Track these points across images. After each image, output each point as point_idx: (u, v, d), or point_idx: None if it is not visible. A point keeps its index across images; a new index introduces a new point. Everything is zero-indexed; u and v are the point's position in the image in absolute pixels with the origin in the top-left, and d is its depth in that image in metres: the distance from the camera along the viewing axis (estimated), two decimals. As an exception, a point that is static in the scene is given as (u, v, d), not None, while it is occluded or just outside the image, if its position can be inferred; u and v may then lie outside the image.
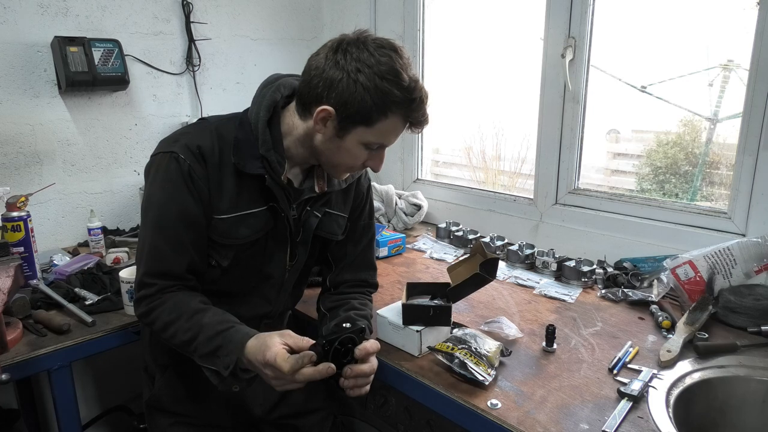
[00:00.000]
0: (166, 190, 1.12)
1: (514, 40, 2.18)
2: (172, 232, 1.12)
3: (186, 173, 1.11)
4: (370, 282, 1.41)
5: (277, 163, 1.14)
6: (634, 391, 1.08)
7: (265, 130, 1.14)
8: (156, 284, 1.13)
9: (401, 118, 1.09)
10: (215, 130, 1.16)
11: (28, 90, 1.92)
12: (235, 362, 1.03)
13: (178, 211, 1.12)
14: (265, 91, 1.17)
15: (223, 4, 2.36)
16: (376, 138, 1.11)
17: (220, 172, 1.14)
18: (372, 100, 1.04)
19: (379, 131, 1.10)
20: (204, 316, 1.09)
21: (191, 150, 1.12)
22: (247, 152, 1.14)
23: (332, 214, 1.30)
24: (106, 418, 2.10)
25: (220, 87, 2.40)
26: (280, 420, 1.36)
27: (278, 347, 0.99)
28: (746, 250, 1.44)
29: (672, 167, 1.89)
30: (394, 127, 1.11)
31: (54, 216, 2.04)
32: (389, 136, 1.13)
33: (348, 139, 1.10)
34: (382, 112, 1.06)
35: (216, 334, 1.06)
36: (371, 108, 1.05)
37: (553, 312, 1.51)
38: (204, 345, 1.06)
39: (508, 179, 2.44)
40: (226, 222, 1.16)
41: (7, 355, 1.24)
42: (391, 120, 1.08)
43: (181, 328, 1.08)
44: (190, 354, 1.09)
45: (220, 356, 1.04)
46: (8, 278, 1.26)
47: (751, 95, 1.49)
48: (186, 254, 1.14)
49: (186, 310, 1.10)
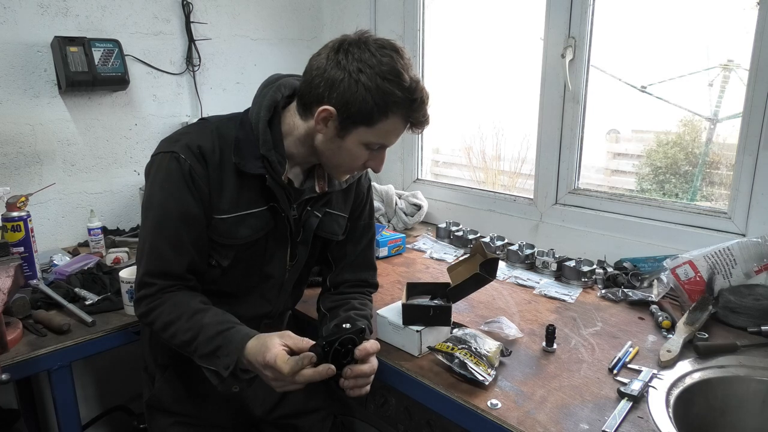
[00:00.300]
0: (166, 190, 1.12)
1: (514, 40, 2.18)
2: (173, 232, 1.12)
3: (186, 173, 1.10)
4: (370, 282, 1.41)
5: (277, 163, 1.14)
6: (634, 391, 1.08)
7: (265, 129, 1.14)
8: (156, 284, 1.13)
9: (402, 118, 1.10)
10: (216, 130, 1.16)
11: (28, 90, 1.92)
12: (235, 363, 1.03)
13: (179, 211, 1.12)
14: (266, 91, 1.17)
15: (223, 4, 2.36)
16: (377, 138, 1.11)
17: (221, 172, 1.14)
18: (373, 100, 1.05)
19: (380, 131, 1.10)
20: (204, 316, 1.09)
21: (192, 150, 1.12)
22: (248, 152, 1.14)
23: (333, 214, 1.30)
24: (106, 418, 2.10)
25: (220, 87, 2.40)
26: (280, 420, 1.36)
27: (278, 348, 0.99)
28: (746, 250, 1.44)
29: (672, 167, 1.89)
30: (395, 128, 1.11)
31: (54, 216, 2.04)
32: (390, 136, 1.13)
33: (349, 139, 1.10)
34: (383, 113, 1.07)
35: (216, 334, 1.06)
36: (372, 108, 1.05)
37: (553, 312, 1.51)
38: (204, 345, 1.06)
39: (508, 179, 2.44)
40: (227, 222, 1.16)
41: (7, 355, 1.24)
42: (392, 120, 1.09)
43: (181, 328, 1.08)
44: (190, 354, 1.09)
45: (220, 356, 1.04)
46: (8, 278, 1.26)
47: (751, 95, 1.49)
48: (186, 254, 1.14)
49: (186, 310, 1.10)
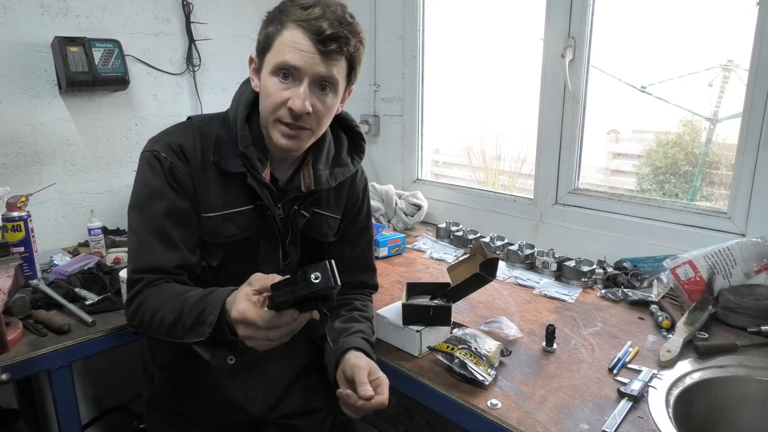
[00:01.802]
0: (150, 187, 1.11)
1: (514, 40, 2.18)
2: (159, 229, 1.10)
3: (167, 170, 1.11)
4: (369, 284, 1.41)
5: (257, 160, 1.13)
6: (634, 391, 1.08)
7: (243, 126, 1.13)
8: (143, 279, 1.09)
9: (295, 25, 1.03)
10: (198, 130, 1.16)
11: (29, 90, 1.92)
12: (218, 318, 0.93)
13: (163, 207, 1.11)
14: (244, 87, 1.17)
15: (223, 4, 2.36)
16: (278, 57, 1.05)
17: (204, 171, 1.14)
18: (269, 20, 1.08)
19: (279, 49, 1.05)
20: (190, 292, 1.03)
21: (172, 148, 1.12)
22: (228, 150, 1.13)
23: (322, 215, 1.28)
24: (106, 418, 2.10)
25: (220, 87, 2.40)
26: (280, 420, 1.36)
27: (244, 302, 0.88)
28: (746, 250, 1.44)
29: (672, 167, 1.89)
30: (292, 39, 1.03)
31: (54, 216, 2.04)
32: (286, 49, 1.04)
33: (263, 75, 1.09)
34: (276, 30, 1.05)
35: (199, 299, 0.99)
36: (268, 28, 1.07)
37: (553, 312, 1.51)
38: (189, 315, 0.98)
39: (508, 179, 2.44)
40: (214, 220, 1.15)
41: (7, 355, 1.24)
42: (288, 33, 1.04)
43: (168, 310, 1.02)
44: (180, 336, 1.00)
45: (204, 321, 0.95)
46: (8, 278, 1.26)
47: (751, 95, 1.49)
48: (175, 250, 1.11)
49: (171, 294, 1.05)
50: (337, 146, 1.27)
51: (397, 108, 2.51)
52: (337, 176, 1.24)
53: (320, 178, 1.21)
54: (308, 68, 1.04)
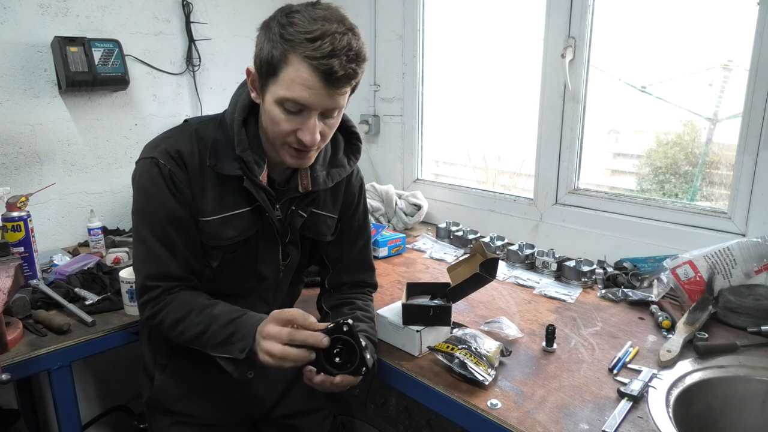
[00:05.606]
0: (151, 195, 1.13)
1: (514, 40, 2.18)
2: (164, 236, 1.13)
3: (167, 177, 1.12)
4: (369, 283, 1.41)
5: (254, 163, 1.14)
6: (634, 391, 1.08)
7: (240, 130, 1.13)
8: (160, 286, 1.14)
9: (305, 64, 0.98)
10: (195, 133, 1.16)
11: (29, 90, 1.92)
12: (251, 345, 1.04)
13: (166, 215, 1.13)
14: (242, 90, 1.17)
15: (223, 4, 2.36)
16: (284, 91, 1.01)
17: (202, 175, 1.14)
18: (272, 44, 1.00)
19: (285, 81, 1.01)
20: (214, 308, 1.12)
21: (171, 155, 1.12)
22: (225, 153, 1.14)
23: (319, 215, 1.29)
24: (106, 418, 2.10)
25: (220, 87, 2.40)
26: (280, 420, 1.36)
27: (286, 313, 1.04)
28: (746, 250, 1.44)
29: (672, 167, 1.89)
30: (298, 74, 0.99)
31: (54, 216, 2.04)
32: (294, 86, 1.00)
33: (267, 99, 1.06)
34: (283, 59, 0.99)
35: (229, 321, 1.08)
36: (272, 53, 1.00)
37: (553, 312, 1.51)
38: (217, 334, 1.08)
39: (508, 179, 2.43)
40: (212, 224, 1.16)
41: (7, 355, 1.24)
42: (295, 69, 0.99)
43: (192, 323, 1.11)
44: (202, 346, 1.11)
45: (234, 342, 1.06)
46: (8, 278, 1.26)
47: (751, 95, 1.49)
48: (180, 256, 1.15)
49: (194, 306, 1.13)
50: (333, 147, 1.28)
51: (397, 108, 2.51)
52: (334, 177, 1.25)
53: (318, 179, 1.22)
54: (317, 104, 1.03)
